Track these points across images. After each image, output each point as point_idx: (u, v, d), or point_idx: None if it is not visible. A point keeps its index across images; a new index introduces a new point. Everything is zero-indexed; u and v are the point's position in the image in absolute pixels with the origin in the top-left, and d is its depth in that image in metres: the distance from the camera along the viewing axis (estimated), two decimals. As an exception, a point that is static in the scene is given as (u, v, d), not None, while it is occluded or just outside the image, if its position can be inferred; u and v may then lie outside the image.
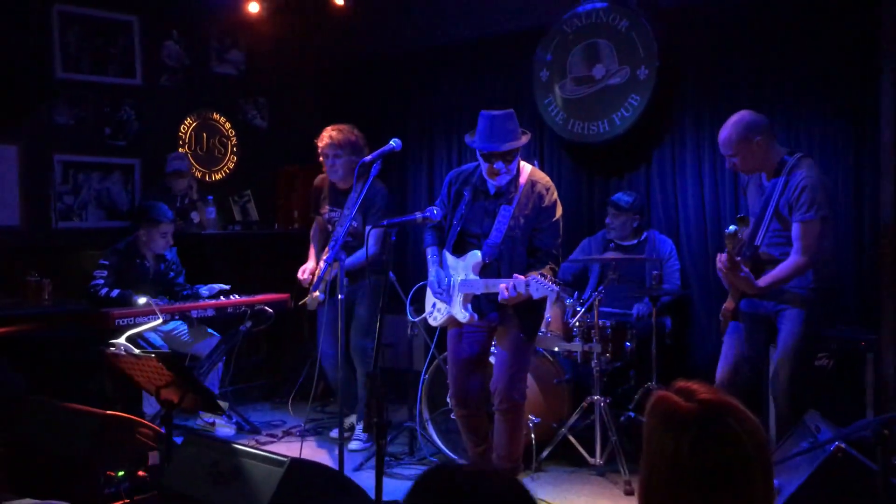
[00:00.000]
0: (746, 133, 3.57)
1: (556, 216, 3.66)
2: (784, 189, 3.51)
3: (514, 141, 3.56)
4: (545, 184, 3.70)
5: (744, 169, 3.69)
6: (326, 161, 4.59)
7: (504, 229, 3.59)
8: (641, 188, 5.33)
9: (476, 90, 6.04)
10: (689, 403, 1.47)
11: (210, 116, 6.78)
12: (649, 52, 5.06)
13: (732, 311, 3.71)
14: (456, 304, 3.65)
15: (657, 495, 1.44)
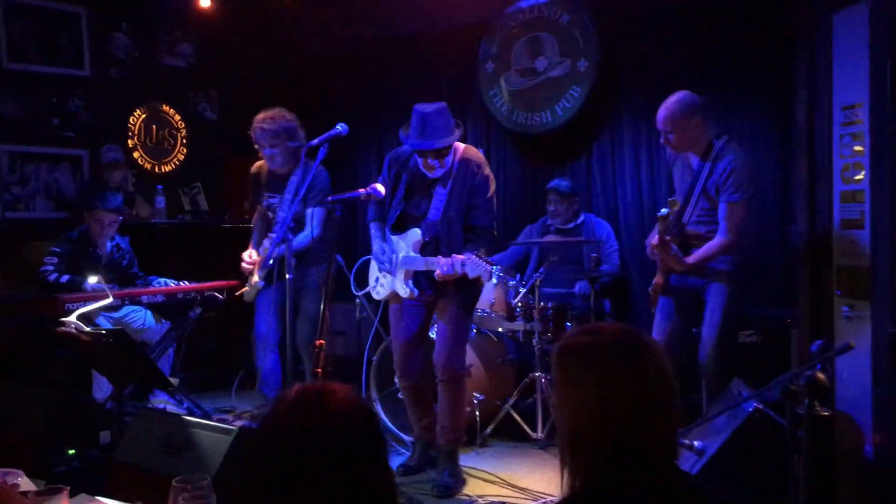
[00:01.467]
0: (686, 112, 3.77)
1: (490, 192, 3.78)
2: (712, 171, 3.71)
3: (446, 138, 3.66)
4: (477, 161, 3.81)
5: (677, 146, 3.88)
6: (263, 151, 4.55)
7: (441, 209, 3.72)
8: (583, 176, 5.54)
9: (426, 83, 6.18)
10: (601, 336, 1.62)
11: (159, 108, 6.80)
12: (589, 46, 5.26)
13: (662, 286, 3.92)
14: (398, 279, 3.79)
15: (587, 433, 1.55)
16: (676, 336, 3.95)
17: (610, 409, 1.50)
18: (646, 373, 1.53)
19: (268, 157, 4.58)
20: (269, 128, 4.47)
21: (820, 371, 2.45)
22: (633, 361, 1.53)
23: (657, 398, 1.52)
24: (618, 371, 1.53)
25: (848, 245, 3.10)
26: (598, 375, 1.53)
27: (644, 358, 1.54)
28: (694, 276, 3.87)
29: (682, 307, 3.94)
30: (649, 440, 1.50)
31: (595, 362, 1.54)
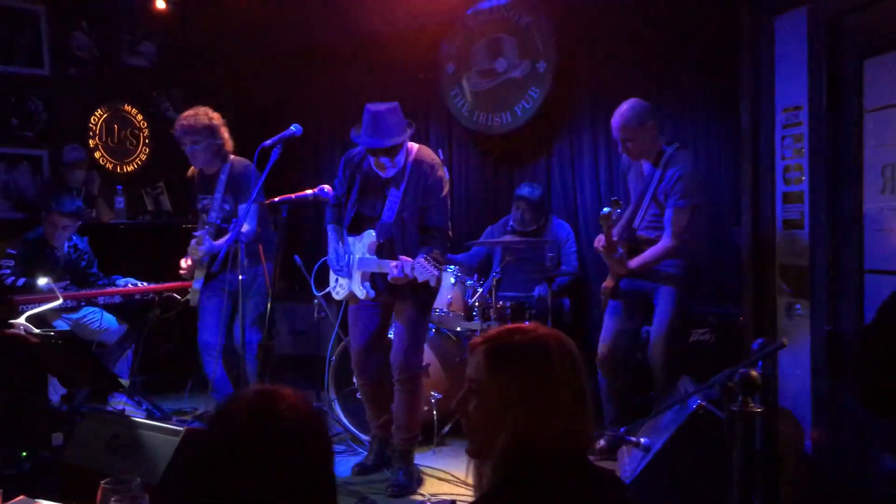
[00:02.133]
0: (639, 118, 3.84)
1: (444, 192, 3.79)
2: (662, 177, 3.79)
3: (396, 137, 3.67)
4: (430, 162, 3.82)
5: (634, 153, 3.95)
6: (185, 149, 4.51)
7: (395, 211, 3.74)
8: (542, 177, 5.58)
9: (388, 83, 6.18)
10: (528, 335, 1.64)
11: (121, 108, 6.76)
12: (547, 47, 5.31)
13: (612, 289, 3.98)
14: (355, 280, 3.81)
15: (496, 430, 1.58)
16: (624, 338, 4.02)
17: (517, 406, 1.52)
18: (553, 373, 1.55)
19: (189, 155, 4.55)
20: (187, 125, 4.44)
21: (754, 369, 2.51)
22: (542, 362, 1.55)
23: (564, 396, 1.54)
24: (524, 371, 1.55)
25: (789, 245, 3.17)
26: (507, 374, 1.56)
27: (552, 359, 1.56)
28: (643, 280, 3.93)
29: (632, 310, 4.00)
30: (559, 437, 1.53)
31: (503, 362, 1.57)
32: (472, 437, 1.62)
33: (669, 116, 5.04)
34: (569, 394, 1.57)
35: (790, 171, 3.15)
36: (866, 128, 2.73)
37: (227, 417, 1.38)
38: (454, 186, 5.99)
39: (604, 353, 4.04)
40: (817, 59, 2.91)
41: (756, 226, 3.31)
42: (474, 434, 1.61)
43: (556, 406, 1.55)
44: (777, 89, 3.20)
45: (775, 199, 3.23)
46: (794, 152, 3.12)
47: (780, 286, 3.22)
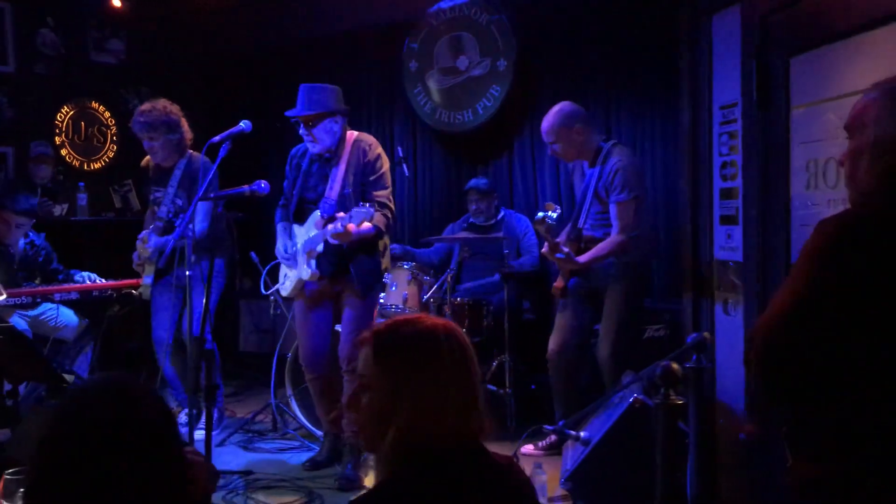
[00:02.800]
0: (566, 121, 3.89)
1: (383, 168, 3.88)
2: (601, 174, 3.82)
3: (321, 107, 3.79)
4: (368, 141, 3.94)
5: (564, 155, 4.00)
6: (144, 144, 4.52)
7: (337, 189, 3.81)
8: (504, 174, 5.63)
9: (352, 81, 6.22)
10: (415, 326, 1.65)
11: (88, 105, 6.75)
12: (507, 46, 5.35)
13: (562, 288, 4.01)
14: (301, 264, 3.85)
15: (386, 422, 1.56)
16: (574, 336, 4.05)
17: (405, 399, 1.53)
18: (441, 365, 1.55)
19: (148, 150, 4.56)
20: (145, 120, 4.43)
21: (684, 363, 2.55)
22: (430, 354, 1.56)
23: (453, 388, 1.55)
24: (410, 363, 1.55)
25: (725, 240, 3.20)
26: (393, 367, 1.56)
27: (441, 351, 1.56)
28: (593, 277, 3.97)
29: (582, 307, 4.04)
30: (448, 430, 1.54)
31: (389, 354, 1.57)
32: (364, 432, 1.63)
33: (625, 111, 5.09)
34: (458, 385, 1.57)
35: (727, 167, 3.19)
36: (793, 124, 2.77)
37: (75, 402, 1.41)
38: (417, 184, 6.03)
39: (552, 351, 4.07)
40: (748, 57, 2.94)
41: (695, 222, 3.35)
42: (365, 429, 1.62)
43: (445, 398, 1.54)
44: (715, 87, 3.24)
45: (713, 196, 3.27)
46: (730, 149, 3.16)
47: (717, 281, 3.26)
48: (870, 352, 1.57)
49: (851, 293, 1.57)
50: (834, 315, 1.58)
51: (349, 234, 3.54)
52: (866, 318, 1.57)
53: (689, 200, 3.34)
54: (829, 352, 1.60)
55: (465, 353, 1.61)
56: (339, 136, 3.88)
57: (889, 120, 1.66)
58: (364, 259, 3.83)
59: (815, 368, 1.62)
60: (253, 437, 4.59)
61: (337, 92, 3.90)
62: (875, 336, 1.57)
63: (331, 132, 3.85)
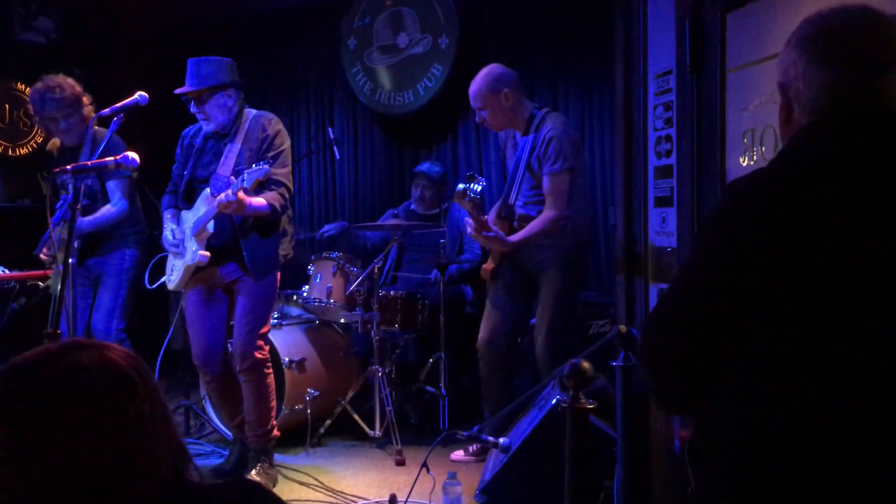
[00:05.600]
0: (494, 84, 3.55)
1: (283, 146, 3.53)
2: (534, 144, 3.48)
3: (203, 83, 3.45)
4: (268, 117, 3.60)
5: (493, 123, 3.65)
6: (55, 125, 4.12)
7: (230, 166, 3.46)
8: (448, 159, 5.29)
9: (291, 59, 5.88)
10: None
11: (14, 87, 6.33)
12: (450, 21, 5.00)
13: (491, 271, 3.66)
14: (189, 250, 3.47)
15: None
16: (505, 325, 3.69)
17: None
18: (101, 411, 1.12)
19: (62, 133, 4.18)
20: (60, 97, 4.05)
21: (585, 360, 2.21)
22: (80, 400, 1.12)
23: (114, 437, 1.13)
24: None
25: (661, 224, 2.87)
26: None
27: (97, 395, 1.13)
28: (526, 260, 3.61)
29: (513, 293, 3.69)
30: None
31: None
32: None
33: (575, 93, 4.77)
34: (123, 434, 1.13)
35: (661, 143, 2.85)
36: (729, 89, 2.44)
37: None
38: (358, 169, 5.68)
39: (481, 340, 3.73)
40: (682, 16, 2.60)
41: (628, 204, 3.01)
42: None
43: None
44: (650, 54, 2.90)
45: (647, 175, 2.93)
46: (664, 122, 2.82)
47: (652, 269, 2.92)
48: (774, 349, 1.22)
49: (746, 275, 1.22)
50: (728, 303, 1.24)
51: (241, 204, 3.16)
52: (770, 307, 1.22)
53: (623, 180, 3.00)
54: (724, 349, 1.26)
55: (130, 394, 1.16)
56: (235, 111, 3.53)
57: (785, 59, 1.35)
58: (257, 240, 3.46)
59: (704, 371, 1.28)
60: (164, 441, 4.21)
61: (229, 64, 3.55)
62: (785, 330, 1.22)
63: (224, 108, 3.50)
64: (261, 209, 3.31)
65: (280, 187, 3.42)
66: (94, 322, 4.20)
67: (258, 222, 3.43)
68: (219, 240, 3.44)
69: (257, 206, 3.29)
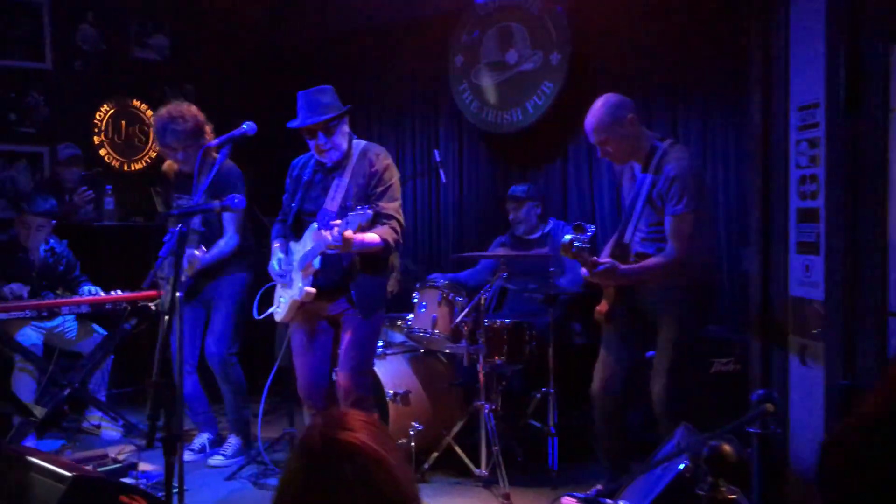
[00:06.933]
0: (616, 113, 3.32)
1: (391, 180, 3.46)
2: (656, 179, 3.22)
3: (324, 114, 3.39)
4: (376, 151, 3.55)
5: (617, 156, 3.42)
6: (175, 155, 4.18)
7: (339, 200, 3.41)
8: (557, 180, 5.07)
9: (396, 77, 5.78)
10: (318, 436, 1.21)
11: (129, 104, 6.48)
12: (562, 37, 4.78)
13: (605, 314, 3.43)
14: (296, 283, 3.42)
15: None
16: (623, 370, 3.45)
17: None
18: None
19: (183, 162, 4.20)
20: (182, 129, 4.08)
21: (727, 442, 1.97)
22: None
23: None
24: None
25: (803, 273, 2.58)
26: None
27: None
28: (644, 302, 3.37)
29: (630, 337, 3.44)
30: None
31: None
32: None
33: (693, 113, 4.47)
34: None
35: (806, 182, 2.57)
36: (893, 130, 2.15)
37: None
38: (463, 191, 5.52)
39: (596, 388, 3.50)
40: (835, 44, 2.32)
41: (766, 250, 2.73)
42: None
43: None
44: (793, 83, 2.62)
45: (789, 217, 2.65)
46: (809, 160, 2.54)
47: (791, 324, 2.64)
48: None
49: None
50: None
51: (349, 242, 3.07)
52: None
53: (759, 224, 2.72)
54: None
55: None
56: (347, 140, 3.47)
57: None
58: (366, 279, 3.40)
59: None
60: (266, 470, 4.16)
61: (334, 92, 3.51)
62: None
63: (345, 135, 3.49)
64: (373, 245, 3.24)
65: (391, 221, 3.33)
66: (207, 345, 4.24)
67: (366, 259, 3.35)
68: (326, 276, 3.39)
69: (369, 241, 3.22)
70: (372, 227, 3.28)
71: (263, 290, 3.93)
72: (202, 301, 4.30)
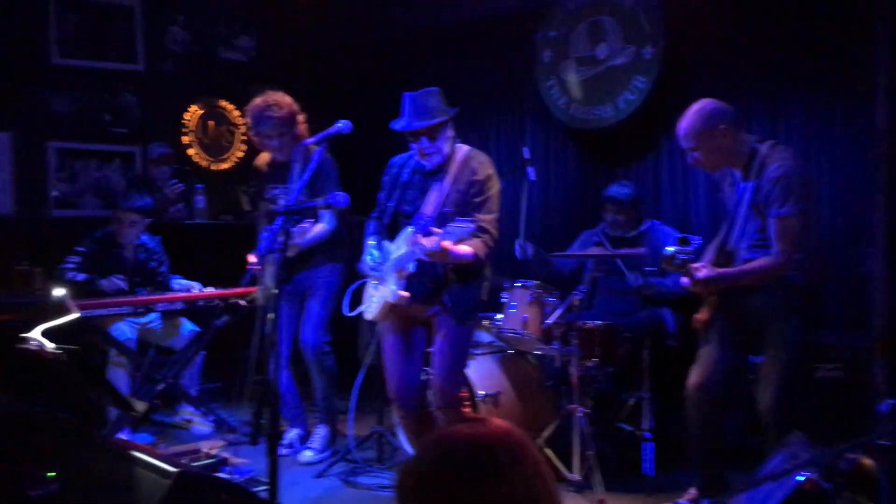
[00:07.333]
0: (708, 122, 3.19)
1: (491, 191, 3.39)
2: (757, 185, 3.08)
3: (429, 118, 3.34)
4: (480, 159, 3.47)
5: (707, 164, 3.29)
6: (269, 142, 4.24)
7: (437, 205, 3.35)
8: (649, 178, 4.93)
9: (480, 73, 5.72)
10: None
11: (217, 104, 6.60)
12: (655, 30, 4.66)
13: (705, 323, 3.30)
14: (388, 284, 3.39)
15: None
16: (721, 371, 3.31)
17: None
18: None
19: (276, 150, 4.25)
20: (277, 115, 4.14)
21: (866, 455, 1.84)
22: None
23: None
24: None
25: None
26: None
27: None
28: (748, 307, 3.22)
29: (732, 342, 3.29)
30: None
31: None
32: None
33: (795, 106, 4.28)
34: None
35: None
36: None
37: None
38: (549, 189, 5.43)
39: (692, 386, 3.35)
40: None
41: (893, 250, 2.57)
42: None
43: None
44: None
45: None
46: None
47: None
48: None
49: None
50: None
51: (445, 253, 3.05)
52: None
53: (885, 231, 2.56)
54: None
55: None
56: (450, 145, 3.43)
57: None
58: (459, 289, 3.36)
59: None
60: (356, 467, 4.16)
61: (442, 93, 3.46)
62: None
63: (449, 139, 3.43)
64: (465, 257, 3.21)
65: (485, 234, 3.28)
66: (302, 334, 4.27)
67: (460, 268, 3.30)
68: (420, 281, 3.36)
69: (462, 254, 3.18)
70: (467, 238, 3.23)
71: (354, 288, 3.92)
72: (296, 294, 4.32)
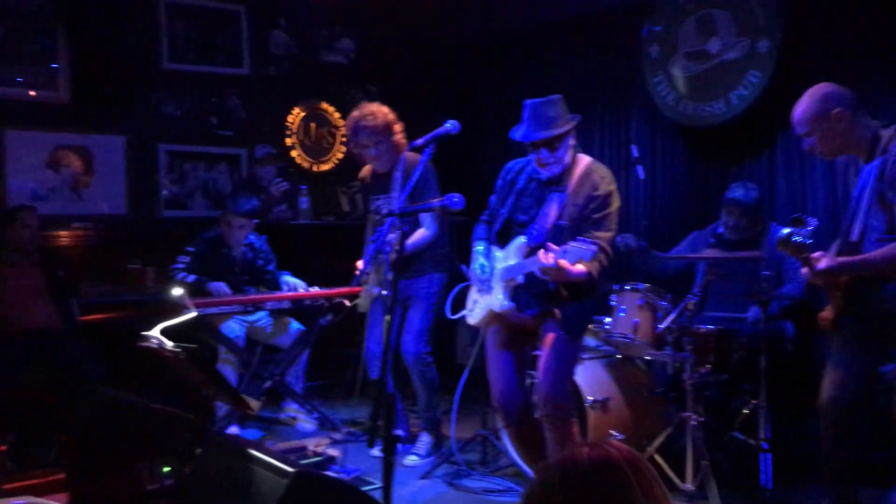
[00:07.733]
0: (822, 105, 2.99)
1: (611, 208, 3.27)
2: (882, 168, 2.87)
3: (550, 129, 3.24)
4: (602, 173, 3.34)
5: (824, 150, 3.08)
6: (366, 151, 4.27)
7: (552, 216, 3.25)
8: (763, 177, 4.72)
9: (583, 71, 5.61)
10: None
11: (318, 106, 6.69)
12: (772, 22, 4.45)
13: (831, 321, 3.09)
14: (495, 293, 3.33)
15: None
16: (854, 382, 3.09)
17: None
18: None
19: (373, 160, 4.28)
20: (372, 125, 4.15)
21: None
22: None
23: None
24: None
25: None
26: None
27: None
28: (879, 303, 2.99)
29: (864, 346, 3.08)
30: None
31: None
32: None
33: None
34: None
35: None
36: None
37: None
38: (656, 187, 5.27)
39: (825, 399, 3.15)
40: None
41: None
42: None
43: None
44: None
45: None
46: None
47: None
48: None
49: None
50: None
51: (561, 271, 2.97)
52: None
53: None
54: None
55: None
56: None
57: None
58: (572, 306, 3.27)
59: None
60: (460, 470, 4.13)
61: (563, 101, 3.35)
62: None
63: (570, 148, 3.33)
64: (580, 276, 3.10)
65: (602, 254, 3.16)
66: (403, 343, 4.27)
67: (571, 286, 3.22)
68: (529, 294, 3.29)
69: (577, 273, 3.07)
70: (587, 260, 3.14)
71: (457, 291, 3.89)
72: (398, 301, 4.33)
